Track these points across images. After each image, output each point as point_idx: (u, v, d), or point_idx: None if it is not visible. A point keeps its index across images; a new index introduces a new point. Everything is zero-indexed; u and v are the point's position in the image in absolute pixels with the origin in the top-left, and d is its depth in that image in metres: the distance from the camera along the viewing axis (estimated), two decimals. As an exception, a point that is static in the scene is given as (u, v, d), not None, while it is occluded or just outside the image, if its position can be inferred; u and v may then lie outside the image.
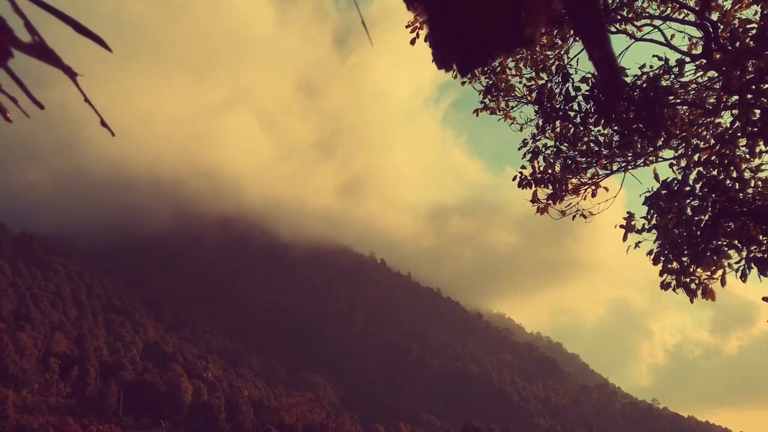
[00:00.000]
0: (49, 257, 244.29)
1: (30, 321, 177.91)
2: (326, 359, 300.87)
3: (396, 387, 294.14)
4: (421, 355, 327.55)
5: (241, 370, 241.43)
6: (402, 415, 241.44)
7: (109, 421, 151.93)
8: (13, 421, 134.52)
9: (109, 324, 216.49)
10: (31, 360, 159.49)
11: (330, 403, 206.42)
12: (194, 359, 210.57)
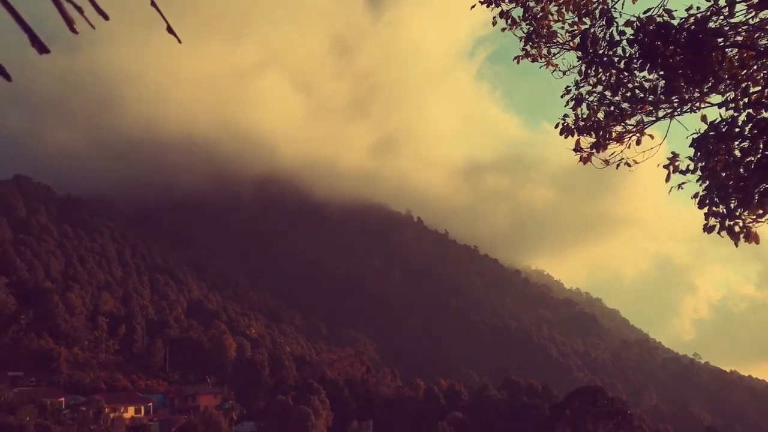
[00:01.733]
0: (94, 219, 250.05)
1: (78, 281, 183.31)
2: (366, 316, 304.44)
3: (435, 343, 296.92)
4: (459, 311, 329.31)
5: (283, 326, 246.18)
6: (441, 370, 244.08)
7: (156, 376, 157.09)
8: (66, 376, 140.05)
9: (153, 283, 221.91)
10: (80, 318, 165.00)
11: (370, 358, 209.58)
12: (237, 316, 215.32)
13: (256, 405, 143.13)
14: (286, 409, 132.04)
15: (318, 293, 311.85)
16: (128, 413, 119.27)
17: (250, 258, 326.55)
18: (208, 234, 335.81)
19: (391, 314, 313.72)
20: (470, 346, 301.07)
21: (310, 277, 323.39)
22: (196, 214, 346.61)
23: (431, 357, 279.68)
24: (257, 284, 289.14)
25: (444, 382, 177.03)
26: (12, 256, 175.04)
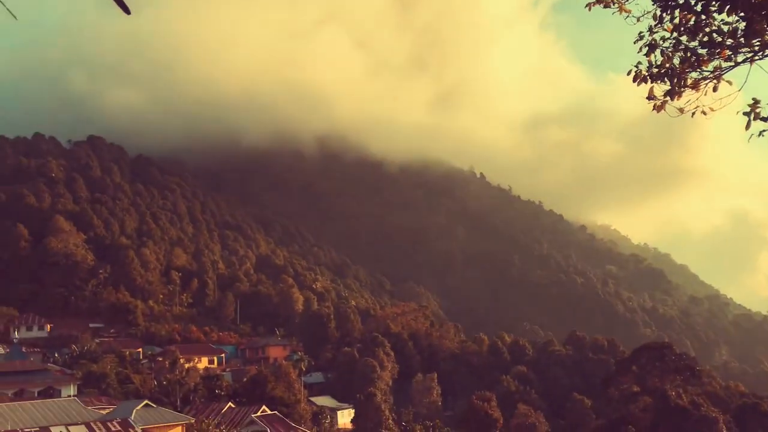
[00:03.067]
0: (165, 177, 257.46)
1: (151, 237, 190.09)
2: (429, 271, 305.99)
3: (499, 298, 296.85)
4: (523, 267, 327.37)
5: (348, 281, 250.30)
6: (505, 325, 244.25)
7: (227, 329, 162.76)
8: (142, 328, 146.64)
9: (223, 239, 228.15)
10: (154, 273, 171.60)
11: (433, 313, 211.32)
12: (303, 271, 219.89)
13: (323, 357, 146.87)
14: (352, 361, 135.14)
15: (381, 249, 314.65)
16: (202, 363, 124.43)
17: (314, 215, 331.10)
18: (273, 191, 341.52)
19: (454, 270, 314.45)
20: (534, 303, 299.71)
21: (372, 233, 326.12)
22: (260, 172, 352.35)
23: (494, 313, 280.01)
24: (321, 240, 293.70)
25: (508, 337, 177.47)
26: (89, 214, 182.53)
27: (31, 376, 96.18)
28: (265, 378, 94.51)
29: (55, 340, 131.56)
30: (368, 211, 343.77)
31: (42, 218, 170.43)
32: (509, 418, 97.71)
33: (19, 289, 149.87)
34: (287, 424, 75.29)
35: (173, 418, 74.57)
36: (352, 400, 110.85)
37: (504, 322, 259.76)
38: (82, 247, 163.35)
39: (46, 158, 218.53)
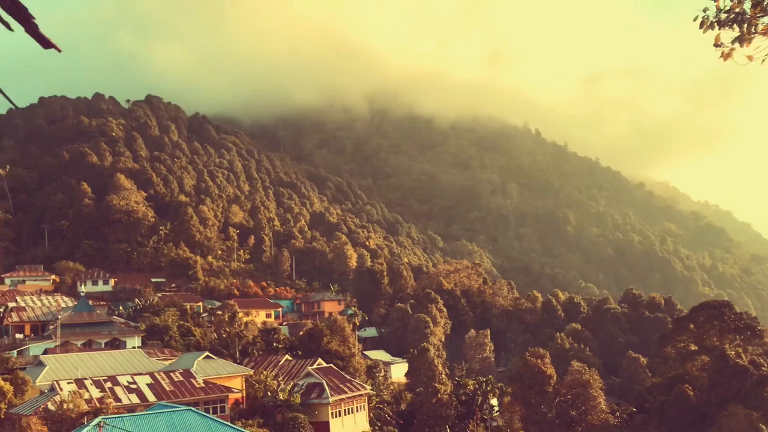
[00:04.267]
0: (220, 136, 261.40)
1: (209, 195, 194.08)
2: (482, 229, 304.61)
3: (553, 256, 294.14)
4: (579, 225, 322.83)
5: (400, 239, 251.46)
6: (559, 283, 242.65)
7: (283, 284, 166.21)
8: (202, 283, 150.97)
9: (278, 197, 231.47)
10: (213, 230, 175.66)
11: (486, 270, 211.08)
12: (356, 229, 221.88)
13: (377, 312, 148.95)
14: (405, 317, 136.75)
15: (434, 207, 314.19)
16: (259, 317, 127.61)
17: (366, 172, 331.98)
18: (326, 149, 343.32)
19: (507, 228, 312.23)
20: (590, 260, 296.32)
21: (425, 190, 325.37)
22: (312, 130, 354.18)
23: (549, 271, 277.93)
24: (374, 198, 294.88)
25: (562, 295, 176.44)
26: (149, 172, 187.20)
27: (98, 328, 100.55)
28: (321, 332, 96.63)
29: (119, 294, 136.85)
30: (420, 168, 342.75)
31: (104, 176, 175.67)
32: (563, 375, 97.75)
33: (84, 245, 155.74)
34: (342, 376, 77.10)
35: (233, 370, 77.29)
36: (405, 355, 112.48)
37: (558, 280, 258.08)
38: (143, 204, 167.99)
39: (106, 118, 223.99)
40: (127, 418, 44.25)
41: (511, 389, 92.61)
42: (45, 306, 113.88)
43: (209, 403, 62.74)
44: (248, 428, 51.04)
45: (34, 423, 52.19)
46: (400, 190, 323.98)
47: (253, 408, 67.71)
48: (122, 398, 59.83)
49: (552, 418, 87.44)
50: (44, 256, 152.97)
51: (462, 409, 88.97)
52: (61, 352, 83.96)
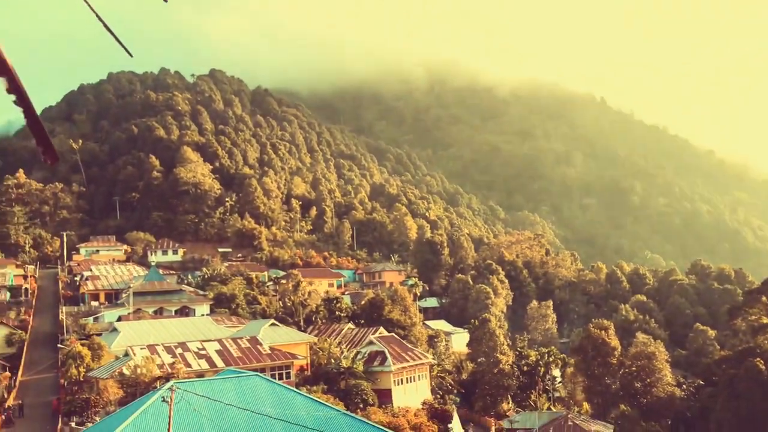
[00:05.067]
0: (282, 109, 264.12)
1: (272, 167, 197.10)
2: (545, 199, 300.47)
3: (618, 226, 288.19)
4: (645, 194, 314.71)
5: (461, 209, 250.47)
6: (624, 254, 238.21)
7: (345, 254, 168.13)
8: (267, 253, 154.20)
9: (338, 169, 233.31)
10: (276, 201, 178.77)
11: (549, 242, 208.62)
12: (416, 200, 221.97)
13: (437, 283, 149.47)
14: (466, 287, 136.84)
15: (495, 177, 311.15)
16: (322, 287, 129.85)
17: (426, 143, 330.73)
18: (384, 120, 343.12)
19: (571, 198, 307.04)
20: (656, 231, 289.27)
21: (486, 161, 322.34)
22: (372, 101, 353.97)
23: (613, 242, 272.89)
24: (434, 169, 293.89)
25: (627, 266, 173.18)
26: (214, 145, 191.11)
27: (168, 296, 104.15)
28: (382, 301, 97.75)
29: (187, 264, 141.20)
30: (481, 138, 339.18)
31: (171, 150, 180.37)
32: (627, 347, 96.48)
33: (153, 216, 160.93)
34: (404, 345, 77.99)
35: (297, 337, 79.19)
36: (466, 325, 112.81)
37: (623, 251, 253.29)
38: (209, 177, 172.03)
39: (172, 92, 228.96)
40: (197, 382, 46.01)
41: (574, 360, 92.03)
42: (118, 275, 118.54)
43: (275, 369, 64.53)
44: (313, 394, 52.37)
45: (110, 386, 54.89)
46: (460, 160, 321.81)
47: (317, 374, 69.32)
48: (192, 364, 62.10)
49: (616, 389, 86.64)
50: (116, 227, 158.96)
51: (524, 380, 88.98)
52: (134, 319, 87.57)
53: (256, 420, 40.20)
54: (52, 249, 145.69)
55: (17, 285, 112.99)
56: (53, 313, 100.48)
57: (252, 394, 43.46)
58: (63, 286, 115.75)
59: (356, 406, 59.68)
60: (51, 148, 2.15)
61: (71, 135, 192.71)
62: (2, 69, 2.19)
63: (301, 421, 40.59)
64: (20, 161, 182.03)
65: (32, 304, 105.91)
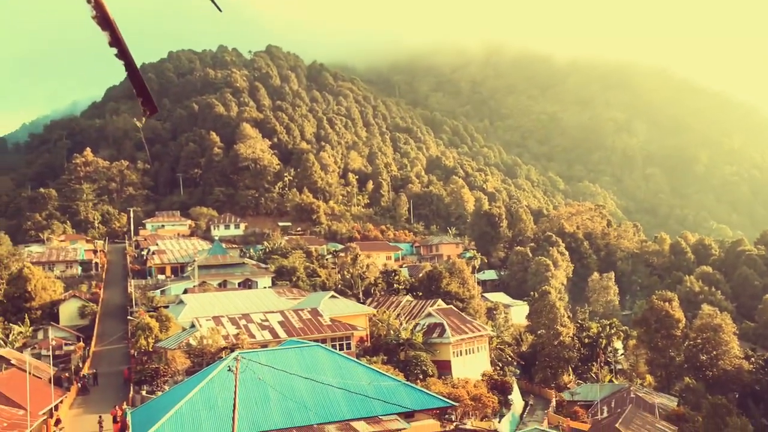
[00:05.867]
0: (338, 83, 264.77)
1: (329, 142, 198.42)
2: (606, 169, 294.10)
3: (682, 196, 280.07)
4: (711, 163, 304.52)
5: (519, 181, 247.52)
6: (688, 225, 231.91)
7: (402, 227, 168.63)
8: (325, 226, 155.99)
9: (394, 142, 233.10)
10: (333, 176, 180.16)
11: (611, 212, 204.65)
12: (473, 172, 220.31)
13: (496, 255, 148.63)
14: (525, 260, 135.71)
15: (554, 148, 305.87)
16: (380, 260, 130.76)
17: (483, 114, 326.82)
18: (440, 92, 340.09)
19: (633, 168, 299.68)
20: (722, 200, 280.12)
21: (544, 131, 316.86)
22: (427, 73, 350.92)
23: (677, 212, 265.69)
24: (491, 140, 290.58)
25: (692, 237, 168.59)
26: (272, 121, 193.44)
27: (231, 269, 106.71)
28: (440, 274, 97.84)
29: (249, 237, 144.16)
30: (539, 108, 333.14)
31: (230, 126, 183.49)
32: (692, 319, 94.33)
33: (215, 191, 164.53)
34: (462, 317, 78.08)
35: (357, 309, 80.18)
36: (525, 298, 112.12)
37: (688, 222, 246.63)
38: (268, 152, 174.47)
39: (230, 69, 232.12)
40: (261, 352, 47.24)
41: (637, 333, 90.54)
42: (183, 249, 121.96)
43: (335, 340, 65.60)
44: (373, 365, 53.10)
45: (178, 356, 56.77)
46: (518, 131, 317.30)
47: (376, 346, 70.12)
48: (256, 335, 63.65)
49: (680, 362, 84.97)
50: (180, 203, 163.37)
51: (585, 352, 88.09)
52: (199, 291, 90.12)
53: (318, 389, 41.13)
54: (119, 224, 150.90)
55: (88, 259, 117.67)
56: (122, 286, 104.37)
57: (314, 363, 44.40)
58: (131, 260, 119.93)
59: (416, 377, 60.21)
60: (150, 100, 2.27)
61: (135, 113, 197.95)
62: (105, 23, 2.32)
63: (363, 391, 41.31)
64: (87, 140, 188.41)
65: (102, 277, 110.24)
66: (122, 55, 2.05)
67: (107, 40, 2.32)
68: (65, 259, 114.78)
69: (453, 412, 50.71)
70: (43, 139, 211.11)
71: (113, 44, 2.05)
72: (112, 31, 2.25)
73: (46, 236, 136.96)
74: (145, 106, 2.34)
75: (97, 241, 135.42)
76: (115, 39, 2.21)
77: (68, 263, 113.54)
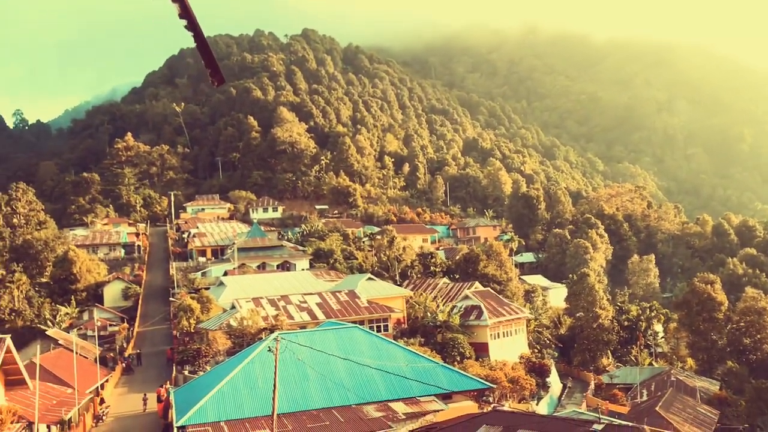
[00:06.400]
0: (373, 66, 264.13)
1: (364, 125, 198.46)
2: (646, 150, 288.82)
3: (725, 177, 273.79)
4: (755, 142, 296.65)
5: (557, 162, 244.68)
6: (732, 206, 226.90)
7: (438, 210, 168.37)
8: (362, 209, 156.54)
9: (430, 124, 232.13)
10: (369, 159, 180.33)
11: (651, 194, 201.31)
12: (511, 154, 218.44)
13: (533, 237, 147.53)
14: (564, 242, 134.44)
15: (593, 128, 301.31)
16: (416, 242, 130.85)
17: (520, 95, 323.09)
18: (476, 73, 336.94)
19: (674, 148, 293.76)
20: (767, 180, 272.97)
21: (583, 111, 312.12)
22: (463, 54, 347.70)
23: (720, 192, 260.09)
24: (528, 121, 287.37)
25: (735, 218, 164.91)
26: (309, 105, 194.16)
27: (270, 252, 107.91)
28: (477, 256, 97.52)
29: (286, 220, 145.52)
30: (578, 88, 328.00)
31: (268, 110, 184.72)
32: (735, 302, 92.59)
33: (254, 175, 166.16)
34: (500, 300, 77.87)
35: (394, 291, 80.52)
36: (564, 280, 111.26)
37: (731, 203, 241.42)
38: (305, 136, 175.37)
39: (267, 53, 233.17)
40: (300, 333, 47.91)
41: (678, 315, 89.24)
42: (222, 232, 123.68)
43: (373, 322, 66.05)
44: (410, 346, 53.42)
45: (219, 337, 57.85)
46: (556, 111, 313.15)
47: (413, 328, 70.42)
48: (294, 316, 64.44)
49: (722, 345, 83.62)
50: (219, 186, 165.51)
51: (624, 335, 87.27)
52: (239, 273, 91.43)
53: (356, 369, 41.60)
54: (160, 208, 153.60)
55: (130, 242, 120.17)
56: (164, 268, 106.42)
57: (352, 344, 44.88)
58: (172, 243, 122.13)
59: (453, 358, 60.38)
60: (218, 71, 2.35)
61: (174, 99, 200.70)
62: None
63: (400, 372, 41.66)
64: (128, 125, 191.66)
65: (145, 260, 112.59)
66: (191, 27, 2.11)
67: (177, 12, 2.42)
68: (108, 242, 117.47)
69: (491, 394, 50.81)
70: (86, 124, 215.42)
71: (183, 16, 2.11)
72: (183, 3, 2.30)
73: (90, 220, 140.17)
74: (213, 77, 2.42)
75: (139, 224, 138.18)
76: (185, 10, 2.24)
77: (111, 246, 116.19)
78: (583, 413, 46.77)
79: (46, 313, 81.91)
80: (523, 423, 28.97)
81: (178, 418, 36.46)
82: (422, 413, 38.62)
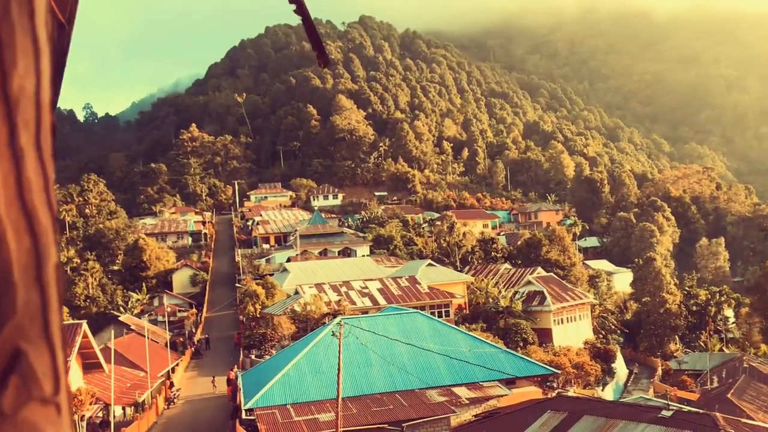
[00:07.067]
0: (431, 51, 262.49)
1: (422, 110, 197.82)
2: (715, 130, 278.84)
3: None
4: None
5: (621, 144, 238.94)
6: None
7: (499, 195, 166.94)
8: (421, 195, 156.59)
9: (490, 108, 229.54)
10: (428, 144, 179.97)
11: (720, 175, 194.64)
12: (573, 136, 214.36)
13: (597, 222, 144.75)
14: (629, 226, 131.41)
15: (659, 108, 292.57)
16: (477, 228, 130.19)
17: (582, 76, 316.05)
18: (536, 54, 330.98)
19: (745, 127, 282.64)
20: None
21: (648, 91, 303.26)
22: (522, 36, 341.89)
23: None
24: (591, 103, 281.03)
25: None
26: (366, 92, 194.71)
27: (331, 238, 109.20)
28: (539, 241, 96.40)
29: (346, 207, 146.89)
30: (642, 67, 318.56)
31: (327, 98, 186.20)
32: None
33: (314, 163, 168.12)
34: (563, 285, 76.87)
35: (454, 277, 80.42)
36: (629, 265, 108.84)
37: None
38: (363, 123, 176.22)
39: (325, 41, 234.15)
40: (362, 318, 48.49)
41: (750, 300, 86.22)
42: (285, 219, 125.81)
43: (434, 307, 66.21)
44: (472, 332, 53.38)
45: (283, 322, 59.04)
46: (620, 92, 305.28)
47: (475, 313, 70.24)
48: (356, 301, 65.19)
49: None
50: (281, 175, 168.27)
51: (693, 320, 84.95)
52: (302, 260, 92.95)
53: (418, 354, 41.90)
54: (225, 197, 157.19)
55: (197, 230, 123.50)
56: (230, 255, 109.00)
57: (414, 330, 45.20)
58: (237, 231, 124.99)
59: (516, 344, 60.05)
60: (324, 53, 2.47)
61: (236, 89, 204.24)
62: None
63: (463, 357, 41.75)
64: (192, 116, 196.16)
65: (211, 247, 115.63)
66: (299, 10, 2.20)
67: None
68: (176, 230, 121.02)
69: (555, 380, 50.42)
70: (152, 116, 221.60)
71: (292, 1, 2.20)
72: None
73: (158, 209, 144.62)
74: (320, 59, 2.52)
75: (206, 213, 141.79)
76: None
77: (179, 234, 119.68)
78: (650, 399, 45.95)
79: (119, 299, 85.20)
80: (588, 408, 28.73)
81: (246, 400, 37.51)
82: (485, 398, 38.67)
